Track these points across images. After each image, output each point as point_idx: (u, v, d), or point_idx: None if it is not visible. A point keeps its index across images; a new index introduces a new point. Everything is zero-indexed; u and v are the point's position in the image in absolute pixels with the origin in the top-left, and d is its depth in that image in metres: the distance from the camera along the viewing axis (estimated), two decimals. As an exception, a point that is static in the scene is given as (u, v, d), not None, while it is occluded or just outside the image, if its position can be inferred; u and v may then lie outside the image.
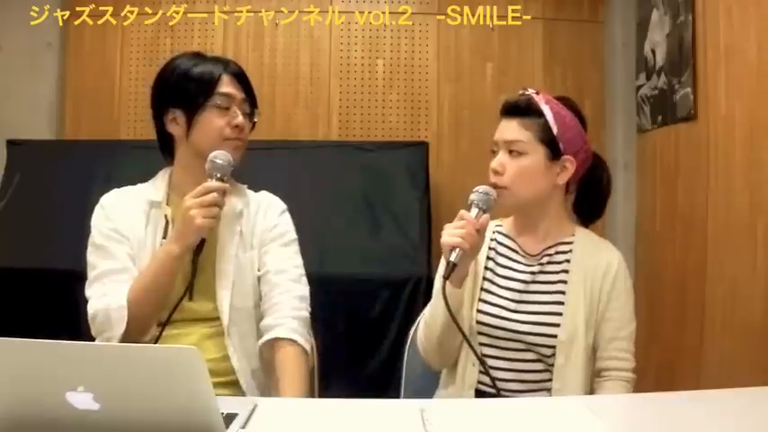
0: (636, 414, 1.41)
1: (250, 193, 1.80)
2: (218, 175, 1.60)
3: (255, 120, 1.76)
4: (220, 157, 1.60)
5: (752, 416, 1.29)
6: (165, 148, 1.76)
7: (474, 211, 1.55)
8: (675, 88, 2.84)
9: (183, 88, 1.67)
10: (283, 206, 1.81)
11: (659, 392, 1.53)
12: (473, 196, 1.57)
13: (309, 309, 1.73)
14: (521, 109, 1.65)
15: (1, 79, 3.47)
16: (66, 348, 1.03)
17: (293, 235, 1.78)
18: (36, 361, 1.03)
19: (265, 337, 1.65)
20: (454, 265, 1.52)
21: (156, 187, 1.73)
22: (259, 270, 1.71)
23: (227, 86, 1.68)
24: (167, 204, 1.70)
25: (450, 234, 1.53)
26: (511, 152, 1.63)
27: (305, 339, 1.67)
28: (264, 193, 1.82)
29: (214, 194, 1.56)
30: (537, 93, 1.68)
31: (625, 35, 3.42)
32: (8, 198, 3.14)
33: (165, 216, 1.68)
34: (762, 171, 2.23)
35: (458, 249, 1.52)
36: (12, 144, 3.30)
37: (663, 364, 2.82)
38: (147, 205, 1.69)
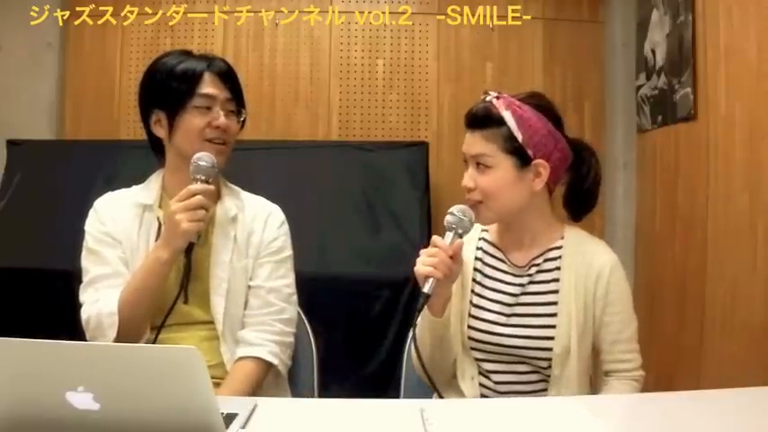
0: (636, 414, 1.41)
1: (245, 196, 1.77)
2: (203, 178, 1.57)
3: (242, 119, 1.71)
4: (204, 158, 1.58)
5: (752, 416, 1.28)
6: (156, 150, 1.73)
7: (449, 235, 1.49)
8: (675, 88, 2.84)
9: (164, 89, 1.65)
10: (282, 217, 1.78)
11: (659, 392, 1.53)
12: (449, 218, 1.51)
13: (295, 331, 1.73)
14: (479, 119, 1.56)
15: (1, 79, 3.47)
16: (66, 348, 1.03)
17: (290, 251, 1.76)
18: (36, 361, 1.03)
19: (245, 352, 1.64)
20: (427, 296, 1.44)
21: (148, 190, 1.71)
22: (251, 280, 1.70)
23: (208, 86, 1.64)
24: (160, 207, 1.68)
25: (423, 263, 1.46)
26: (478, 165, 1.55)
27: (284, 364, 1.68)
28: (262, 200, 1.79)
29: (199, 197, 1.54)
30: (498, 97, 1.57)
31: (625, 35, 3.42)
32: (8, 198, 3.14)
33: (158, 219, 1.66)
34: (762, 171, 2.23)
35: (431, 279, 1.44)
36: (12, 144, 3.30)
37: (663, 364, 2.81)
38: (139, 209, 1.68)
